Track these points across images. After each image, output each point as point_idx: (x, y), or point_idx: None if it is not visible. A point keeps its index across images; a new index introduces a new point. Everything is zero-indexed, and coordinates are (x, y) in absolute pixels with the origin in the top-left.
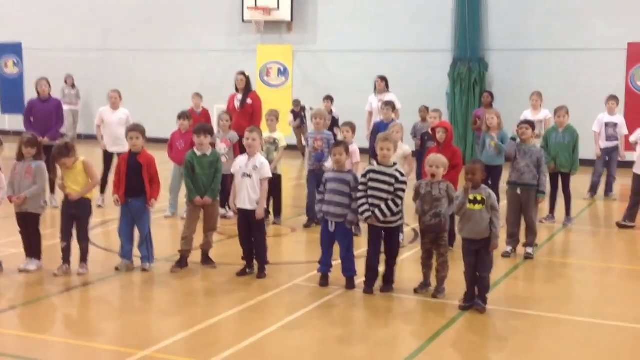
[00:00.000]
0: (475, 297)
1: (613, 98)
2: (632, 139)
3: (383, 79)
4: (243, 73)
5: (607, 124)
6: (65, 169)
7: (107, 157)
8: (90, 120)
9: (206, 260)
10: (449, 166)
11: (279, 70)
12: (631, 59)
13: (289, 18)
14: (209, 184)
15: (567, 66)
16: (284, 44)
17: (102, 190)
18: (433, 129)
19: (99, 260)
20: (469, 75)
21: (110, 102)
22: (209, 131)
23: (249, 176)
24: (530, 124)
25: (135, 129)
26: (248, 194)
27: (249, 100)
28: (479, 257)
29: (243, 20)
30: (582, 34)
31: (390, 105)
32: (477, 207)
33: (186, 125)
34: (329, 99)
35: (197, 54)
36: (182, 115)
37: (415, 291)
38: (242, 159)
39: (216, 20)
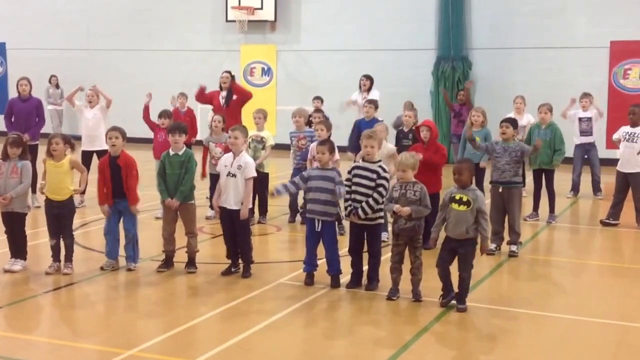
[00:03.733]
0: (451, 290)
1: (586, 95)
2: (615, 136)
3: (368, 77)
4: (229, 72)
5: (580, 119)
6: (51, 167)
7: (86, 156)
8: (74, 121)
9: (189, 265)
10: (431, 163)
11: (263, 69)
12: (614, 57)
13: (272, 18)
14: (177, 185)
15: (550, 64)
16: (268, 43)
17: (83, 191)
18: (417, 128)
19: (84, 260)
20: (453, 73)
21: (86, 99)
22: (183, 130)
23: (234, 175)
24: (512, 122)
25: (114, 129)
26: (233, 194)
27: (234, 97)
28: (459, 257)
29: (227, 20)
30: (565, 32)
31: (373, 103)
32: (462, 207)
33: (167, 124)
34: (318, 99)
35: (181, 53)
36: (163, 114)
37: (388, 298)
38: (227, 157)
39: (200, 20)
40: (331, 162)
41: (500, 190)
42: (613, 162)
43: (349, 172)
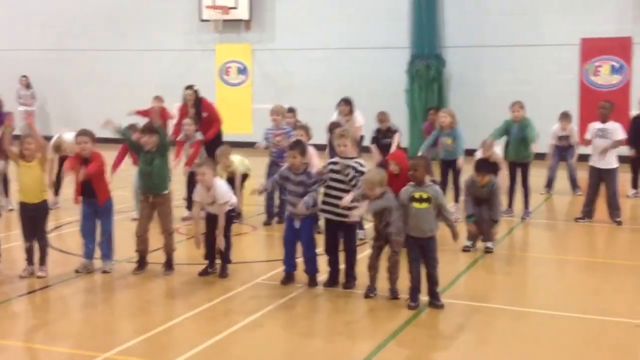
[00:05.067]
0: (418, 293)
1: (565, 117)
2: (587, 137)
3: (347, 102)
4: (191, 87)
5: (560, 137)
6: (23, 169)
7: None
8: (46, 121)
9: (166, 266)
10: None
11: (239, 69)
12: (584, 54)
13: (247, 17)
14: (151, 180)
15: (522, 62)
16: (243, 42)
17: (56, 193)
18: (385, 161)
19: (58, 263)
20: (427, 71)
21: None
22: (152, 130)
23: (212, 204)
24: (486, 168)
25: (83, 134)
26: (214, 210)
27: (204, 114)
28: (424, 254)
29: (201, 20)
30: (536, 30)
31: (345, 101)
32: (423, 205)
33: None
34: (292, 111)
35: (155, 53)
36: (131, 127)
37: (366, 296)
38: (200, 190)
39: (174, 19)
40: (309, 163)
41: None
42: (588, 158)
43: (324, 168)
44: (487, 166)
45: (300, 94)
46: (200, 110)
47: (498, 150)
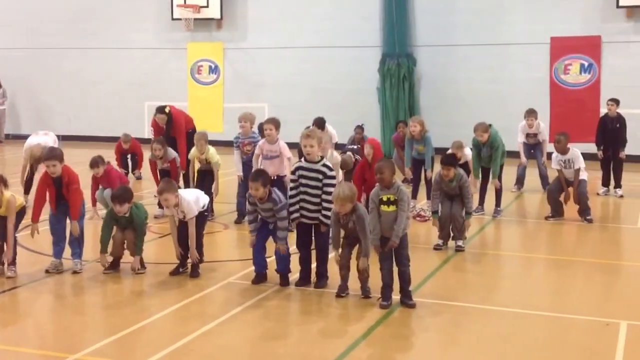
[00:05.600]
0: (390, 292)
1: (531, 113)
2: (553, 166)
3: (320, 123)
4: (163, 111)
5: (528, 135)
6: None
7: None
8: (17, 120)
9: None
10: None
11: (210, 67)
12: (554, 53)
13: (218, 15)
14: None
15: (492, 61)
16: (215, 41)
17: (27, 191)
18: (362, 145)
19: (28, 263)
20: (398, 70)
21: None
22: (125, 199)
23: (183, 218)
24: (452, 162)
25: (51, 158)
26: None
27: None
28: (395, 252)
29: (172, 18)
30: (506, 29)
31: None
32: (391, 208)
33: (101, 171)
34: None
35: (126, 52)
36: (95, 163)
37: (337, 296)
38: (170, 210)
39: (145, 18)
40: (283, 161)
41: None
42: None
43: (293, 173)
44: (451, 160)
45: (272, 92)
46: (170, 133)
47: (467, 151)
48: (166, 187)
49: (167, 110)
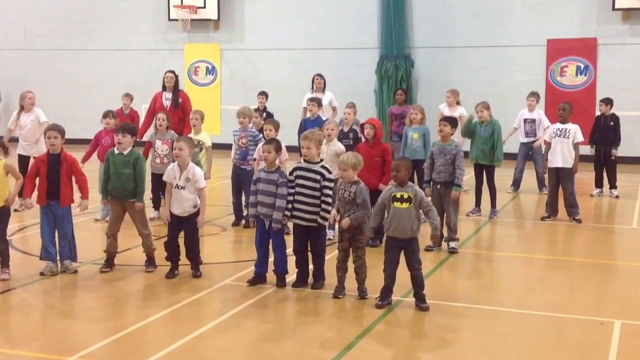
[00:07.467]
0: (391, 294)
1: (533, 94)
2: (546, 138)
3: (321, 77)
4: (172, 72)
5: (525, 120)
6: None
7: (23, 160)
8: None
9: (148, 264)
10: (384, 163)
11: (207, 68)
12: (551, 55)
13: (215, 16)
14: (121, 184)
15: (489, 63)
16: (212, 42)
17: (20, 194)
18: (361, 126)
19: (22, 265)
20: (396, 72)
21: (25, 104)
22: (128, 130)
23: (183, 188)
24: (450, 121)
25: (53, 129)
26: (180, 203)
27: (180, 100)
28: (406, 256)
29: (169, 19)
30: (503, 31)
31: (315, 101)
32: (404, 205)
33: (112, 124)
34: (263, 94)
35: (123, 53)
36: (107, 114)
37: (334, 297)
38: (174, 169)
39: (141, 19)
40: (278, 161)
41: (438, 187)
42: None
43: (291, 174)
44: (450, 119)
45: (269, 94)
46: (177, 97)
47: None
48: (185, 139)
49: (175, 72)
